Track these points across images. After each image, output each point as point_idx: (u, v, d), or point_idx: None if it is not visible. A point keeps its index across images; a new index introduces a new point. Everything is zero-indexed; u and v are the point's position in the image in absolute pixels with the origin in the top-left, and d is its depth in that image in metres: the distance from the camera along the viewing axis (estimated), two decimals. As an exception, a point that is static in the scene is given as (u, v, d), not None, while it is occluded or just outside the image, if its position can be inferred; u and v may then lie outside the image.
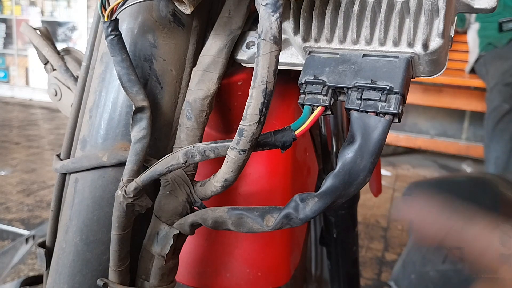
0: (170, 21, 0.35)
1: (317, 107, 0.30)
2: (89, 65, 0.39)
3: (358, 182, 0.29)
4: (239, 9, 0.36)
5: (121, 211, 0.32)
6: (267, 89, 0.26)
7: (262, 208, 0.31)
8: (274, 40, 0.25)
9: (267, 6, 0.25)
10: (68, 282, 0.35)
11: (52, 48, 0.49)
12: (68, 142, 0.39)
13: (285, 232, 0.46)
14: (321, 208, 0.29)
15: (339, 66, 0.31)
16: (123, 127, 0.34)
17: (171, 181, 0.34)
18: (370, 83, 0.29)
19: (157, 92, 0.35)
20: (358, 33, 0.31)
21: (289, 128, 0.29)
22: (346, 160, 0.29)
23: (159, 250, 0.34)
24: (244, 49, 0.37)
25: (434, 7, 0.29)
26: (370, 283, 1.82)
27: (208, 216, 0.32)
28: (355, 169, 0.29)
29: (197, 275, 0.45)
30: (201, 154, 0.29)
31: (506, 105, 1.82)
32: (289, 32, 0.33)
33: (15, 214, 2.18)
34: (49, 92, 0.52)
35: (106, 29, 0.30)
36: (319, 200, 0.29)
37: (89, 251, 0.34)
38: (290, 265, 0.47)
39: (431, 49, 0.29)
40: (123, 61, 0.31)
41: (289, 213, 0.29)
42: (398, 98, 0.28)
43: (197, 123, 0.35)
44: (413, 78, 0.31)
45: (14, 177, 2.68)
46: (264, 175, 0.45)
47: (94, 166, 0.34)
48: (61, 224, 0.36)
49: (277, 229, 0.30)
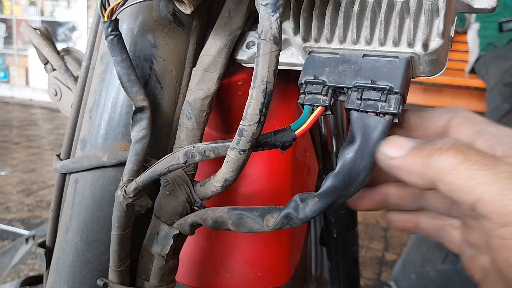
0: (170, 21, 0.35)
1: (317, 107, 0.30)
2: (89, 65, 0.39)
3: (358, 182, 0.29)
4: (239, 9, 0.36)
5: (121, 211, 0.32)
6: (267, 89, 0.26)
7: (262, 208, 0.31)
8: (274, 40, 0.25)
9: (267, 6, 0.25)
10: (68, 282, 0.35)
11: (52, 48, 0.49)
12: (68, 142, 0.39)
13: (285, 232, 0.46)
14: (321, 208, 0.29)
15: (339, 66, 0.31)
16: (123, 127, 0.34)
17: (171, 181, 0.34)
18: (370, 83, 0.29)
19: (157, 92, 0.35)
20: (358, 33, 0.31)
21: (289, 128, 0.29)
22: (346, 160, 0.29)
23: (159, 250, 0.34)
24: (244, 49, 0.37)
25: (434, 7, 0.29)
26: (370, 283, 1.82)
27: (208, 216, 0.32)
28: (355, 169, 0.29)
29: (197, 275, 0.45)
30: (201, 154, 0.29)
31: (506, 105, 1.82)
32: (289, 32, 0.33)
33: (15, 214, 2.18)
34: (49, 92, 0.52)
35: (106, 29, 0.30)
36: (319, 200, 0.29)
37: (89, 251, 0.34)
38: (290, 265, 0.47)
39: (431, 49, 0.29)
40: (123, 61, 0.31)
41: (289, 213, 0.29)
42: (398, 98, 0.28)
43: (197, 123, 0.35)
44: (413, 78, 0.31)
45: (14, 177, 2.68)
46: (264, 175, 0.45)
47: (94, 166, 0.34)
48: (61, 224, 0.36)
49: (277, 229, 0.30)
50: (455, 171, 0.23)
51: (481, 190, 0.22)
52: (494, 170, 0.22)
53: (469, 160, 0.22)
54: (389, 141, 0.27)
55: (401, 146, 0.26)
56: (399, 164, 0.25)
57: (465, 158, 0.23)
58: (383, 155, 0.26)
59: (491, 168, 0.22)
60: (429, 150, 0.24)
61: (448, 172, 0.23)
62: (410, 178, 0.25)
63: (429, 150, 0.24)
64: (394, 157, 0.26)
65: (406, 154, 0.25)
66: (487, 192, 0.22)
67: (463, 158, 0.23)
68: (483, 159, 0.23)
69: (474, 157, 0.23)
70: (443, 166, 0.23)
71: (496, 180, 0.22)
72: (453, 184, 0.23)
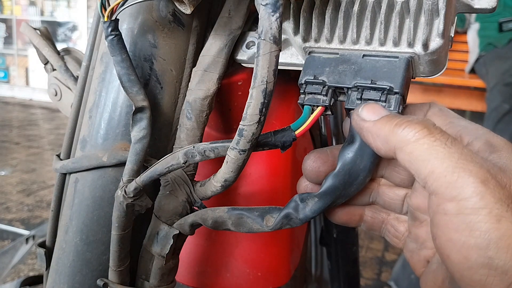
0: (170, 21, 0.35)
1: (317, 107, 0.30)
2: (89, 65, 0.39)
3: (358, 182, 0.29)
4: (239, 9, 0.36)
5: (121, 211, 0.32)
6: (267, 89, 0.26)
7: (262, 208, 0.31)
8: (274, 40, 0.25)
9: (267, 6, 0.25)
10: (68, 282, 0.35)
11: (52, 48, 0.49)
12: (68, 142, 0.39)
13: (285, 232, 0.46)
14: (321, 208, 0.29)
15: (339, 66, 0.31)
16: (123, 127, 0.34)
17: (171, 181, 0.34)
18: (370, 83, 0.29)
19: (157, 92, 0.35)
20: (358, 33, 0.31)
21: (289, 128, 0.29)
22: (346, 160, 0.29)
23: (159, 250, 0.34)
24: (244, 49, 0.37)
25: (434, 7, 0.29)
26: (370, 283, 1.82)
27: (208, 216, 0.32)
28: (355, 169, 0.29)
29: (197, 275, 0.45)
30: (201, 154, 0.29)
31: (506, 105, 1.82)
32: (289, 32, 0.33)
33: (15, 214, 2.18)
34: (49, 92, 0.52)
35: (106, 29, 0.30)
36: (319, 200, 0.29)
37: (89, 251, 0.34)
38: (290, 265, 0.47)
39: (431, 49, 0.29)
40: (123, 61, 0.31)
41: (289, 213, 0.29)
42: (398, 98, 0.28)
43: (197, 123, 0.35)
44: (413, 78, 0.31)
45: (14, 177, 2.68)
46: (264, 175, 0.45)
47: (94, 166, 0.34)
48: (61, 224, 0.36)
49: (277, 229, 0.30)
50: (417, 143, 0.24)
51: (434, 164, 0.23)
52: (451, 150, 0.23)
53: (431, 136, 0.24)
54: (367, 106, 0.28)
55: (376, 112, 0.27)
56: (369, 126, 0.27)
57: (429, 133, 0.24)
58: (358, 116, 0.28)
59: (449, 147, 0.23)
60: (399, 120, 0.25)
61: (410, 142, 0.24)
62: (375, 143, 0.26)
63: (399, 120, 0.25)
64: (367, 119, 0.27)
65: (378, 119, 0.27)
66: (439, 167, 0.23)
67: (426, 133, 0.24)
68: (444, 137, 0.24)
69: (437, 134, 0.24)
70: (407, 136, 0.24)
71: (450, 158, 0.23)
72: (412, 154, 0.24)
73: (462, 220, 0.22)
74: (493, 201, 0.22)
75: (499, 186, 0.23)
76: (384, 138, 0.25)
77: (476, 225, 0.22)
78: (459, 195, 0.22)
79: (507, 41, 2.19)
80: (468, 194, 0.22)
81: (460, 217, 0.22)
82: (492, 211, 0.22)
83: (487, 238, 0.22)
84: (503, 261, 0.21)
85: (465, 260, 0.22)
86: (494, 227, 0.22)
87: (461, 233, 0.22)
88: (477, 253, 0.22)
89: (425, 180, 0.24)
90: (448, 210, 0.23)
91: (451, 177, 0.23)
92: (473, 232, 0.22)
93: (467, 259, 0.22)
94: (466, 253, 0.22)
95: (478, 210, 0.22)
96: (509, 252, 0.21)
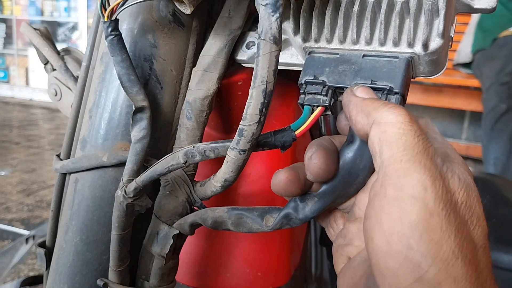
0: (170, 21, 0.35)
1: (317, 107, 0.30)
2: (89, 65, 0.39)
3: (358, 182, 0.29)
4: (239, 9, 0.36)
5: (121, 211, 0.32)
6: (267, 89, 0.26)
7: (261, 208, 0.31)
8: (274, 40, 0.25)
9: (267, 6, 0.25)
10: (68, 282, 0.35)
11: (52, 48, 0.49)
12: (68, 142, 0.39)
13: (285, 232, 0.46)
14: (321, 208, 0.29)
15: (339, 66, 0.31)
16: (123, 127, 0.34)
17: (171, 181, 0.34)
18: (370, 83, 0.29)
19: (157, 92, 0.35)
20: (358, 33, 0.31)
21: (289, 128, 0.29)
22: (346, 160, 0.29)
23: (159, 250, 0.34)
24: (244, 49, 0.37)
25: (434, 7, 0.29)
26: (370, 283, 1.82)
27: (208, 216, 0.32)
28: (355, 169, 0.29)
29: (197, 275, 0.45)
30: (201, 154, 0.29)
31: (503, 105, 1.81)
32: (289, 32, 0.33)
33: (15, 214, 2.18)
34: (49, 92, 0.52)
35: (106, 29, 0.30)
36: (318, 200, 0.29)
37: (89, 251, 0.34)
38: (290, 265, 0.47)
39: (431, 49, 0.29)
40: (123, 61, 0.31)
41: (289, 213, 0.29)
42: (398, 98, 0.28)
43: (197, 123, 0.35)
44: (413, 78, 0.31)
45: (14, 177, 2.68)
46: (264, 175, 0.45)
47: (94, 166, 0.34)
48: (61, 224, 0.36)
49: (276, 229, 0.30)
50: (394, 125, 0.25)
51: (398, 148, 0.24)
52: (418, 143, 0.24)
53: (409, 124, 0.24)
54: (361, 86, 0.29)
55: (369, 93, 0.28)
56: (357, 100, 0.27)
57: (409, 121, 0.25)
58: (351, 92, 0.28)
59: (417, 140, 0.24)
60: (387, 102, 0.26)
61: (388, 122, 0.25)
62: (356, 116, 0.27)
63: (386, 103, 0.26)
64: (357, 95, 0.28)
65: (368, 97, 0.28)
66: (399, 153, 0.24)
67: (407, 120, 0.25)
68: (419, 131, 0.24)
69: (415, 126, 0.24)
70: (388, 116, 0.25)
71: (413, 148, 0.24)
72: (384, 133, 0.25)
73: (398, 206, 0.23)
74: (433, 197, 0.23)
75: (445, 188, 0.23)
76: (367, 112, 0.26)
77: (408, 214, 0.23)
78: (404, 182, 0.23)
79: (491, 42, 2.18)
80: (413, 183, 0.23)
81: (396, 202, 0.23)
82: (428, 205, 0.23)
83: (414, 228, 0.22)
84: (420, 253, 0.22)
85: (386, 244, 0.23)
86: (425, 220, 0.22)
87: (392, 218, 0.23)
88: (399, 239, 0.22)
89: (382, 160, 0.24)
90: (389, 193, 0.23)
91: (405, 164, 0.23)
92: (403, 220, 0.23)
93: (388, 244, 0.23)
94: (389, 237, 0.23)
95: (416, 200, 0.23)
96: (429, 246, 0.22)
